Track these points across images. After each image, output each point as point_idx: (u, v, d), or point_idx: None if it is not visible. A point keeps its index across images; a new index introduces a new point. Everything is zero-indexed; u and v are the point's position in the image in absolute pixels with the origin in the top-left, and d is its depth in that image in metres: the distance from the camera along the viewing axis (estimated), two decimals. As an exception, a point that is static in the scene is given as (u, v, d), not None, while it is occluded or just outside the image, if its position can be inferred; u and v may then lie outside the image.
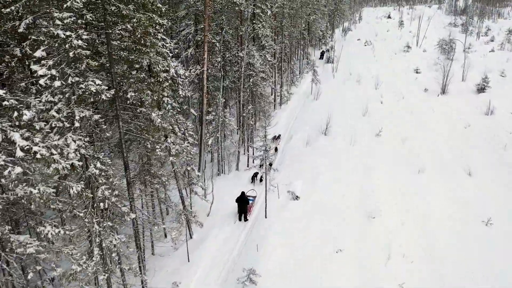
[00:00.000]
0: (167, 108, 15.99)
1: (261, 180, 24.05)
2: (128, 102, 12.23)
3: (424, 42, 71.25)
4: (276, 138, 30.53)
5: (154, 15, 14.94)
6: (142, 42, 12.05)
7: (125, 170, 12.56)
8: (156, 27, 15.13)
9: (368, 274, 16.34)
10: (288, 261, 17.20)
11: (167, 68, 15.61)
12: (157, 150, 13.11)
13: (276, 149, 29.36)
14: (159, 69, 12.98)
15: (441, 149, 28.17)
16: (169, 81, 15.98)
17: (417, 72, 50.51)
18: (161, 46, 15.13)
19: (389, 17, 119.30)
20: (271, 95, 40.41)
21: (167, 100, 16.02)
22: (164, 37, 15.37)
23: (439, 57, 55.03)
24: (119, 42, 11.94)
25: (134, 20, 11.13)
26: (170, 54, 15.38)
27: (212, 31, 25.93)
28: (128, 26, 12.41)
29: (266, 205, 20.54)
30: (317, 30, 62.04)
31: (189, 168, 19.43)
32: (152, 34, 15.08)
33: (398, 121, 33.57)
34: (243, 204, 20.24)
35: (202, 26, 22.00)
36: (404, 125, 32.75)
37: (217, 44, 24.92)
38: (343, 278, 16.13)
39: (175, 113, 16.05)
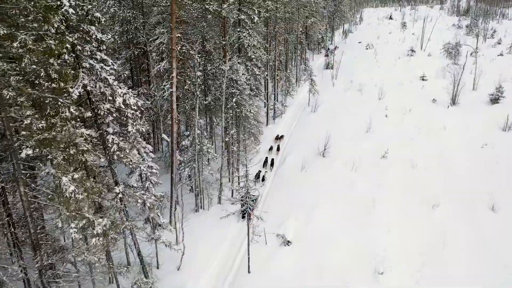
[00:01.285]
0: (112, 150, 12.19)
1: (263, 180, 24.19)
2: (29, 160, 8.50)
3: (429, 45, 67.35)
4: (279, 137, 30.56)
5: (91, 27, 11.20)
6: (39, 74, 8.25)
7: (34, 253, 8.83)
8: (93, 44, 11.38)
9: None
10: None
11: (110, 98, 11.83)
12: (71, 230, 9.30)
13: (278, 148, 29.30)
14: (69, 114, 9.10)
15: (457, 175, 24.30)
16: (114, 114, 12.18)
17: (423, 80, 46.68)
18: (100, 69, 11.34)
19: (390, 18, 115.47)
20: (264, 107, 36.60)
21: (113, 139, 12.24)
22: (105, 57, 11.57)
23: (448, 65, 50.98)
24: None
25: (17, 43, 7.35)
26: (112, 78, 11.56)
27: (189, 40, 22.11)
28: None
29: (249, 257, 16.70)
30: (315, 34, 58.15)
31: (152, 215, 15.64)
32: (89, 53, 11.34)
33: (406, 140, 29.56)
34: None
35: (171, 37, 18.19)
36: (412, 145, 28.79)
37: (196, 55, 21.02)
38: None
39: (122, 155, 12.23)
